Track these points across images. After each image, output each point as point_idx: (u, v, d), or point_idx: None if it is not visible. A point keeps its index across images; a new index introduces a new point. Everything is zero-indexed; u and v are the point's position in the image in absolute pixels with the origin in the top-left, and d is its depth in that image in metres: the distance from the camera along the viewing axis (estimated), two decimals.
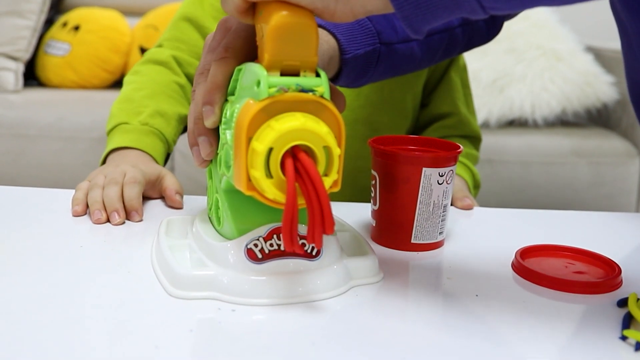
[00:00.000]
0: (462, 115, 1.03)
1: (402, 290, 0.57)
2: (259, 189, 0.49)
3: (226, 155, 0.53)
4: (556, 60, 1.83)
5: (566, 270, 0.62)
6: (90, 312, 0.49)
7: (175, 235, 0.61)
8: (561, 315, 0.53)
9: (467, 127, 1.05)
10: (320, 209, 0.47)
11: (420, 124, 1.06)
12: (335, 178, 0.50)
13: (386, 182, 0.64)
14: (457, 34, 0.80)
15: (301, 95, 0.48)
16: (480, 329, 0.50)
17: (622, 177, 1.74)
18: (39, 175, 1.72)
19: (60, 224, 0.68)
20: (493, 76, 1.80)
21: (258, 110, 0.47)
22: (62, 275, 0.56)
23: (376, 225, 0.67)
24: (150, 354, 0.44)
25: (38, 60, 2.19)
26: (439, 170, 0.63)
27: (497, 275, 0.61)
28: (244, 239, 0.53)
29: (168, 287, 0.53)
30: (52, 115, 1.76)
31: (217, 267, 0.53)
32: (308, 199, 0.47)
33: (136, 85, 0.94)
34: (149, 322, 0.48)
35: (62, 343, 0.45)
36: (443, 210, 0.65)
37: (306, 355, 0.45)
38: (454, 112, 1.03)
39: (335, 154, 0.49)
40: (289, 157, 0.47)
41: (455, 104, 1.03)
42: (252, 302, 0.51)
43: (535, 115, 1.79)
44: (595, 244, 0.66)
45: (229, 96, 0.54)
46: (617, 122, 1.89)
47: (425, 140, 0.70)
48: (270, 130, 0.47)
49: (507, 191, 1.71)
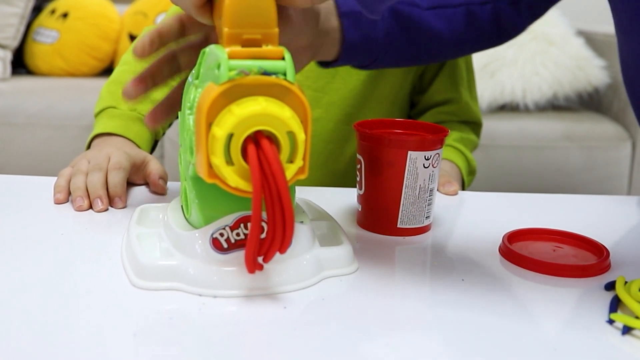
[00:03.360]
0: (463, 102, 1.02)
1: (388, 275, 0.56)
2: (221, 177, 0.47)
3: (191, 142, 0.51)
4: (547, 44, 1.82)
5: (554, 254, 0.61)
6: (65, 300, 0.49)
7: (148, 224, 0.60)
8: (548, 299, 0.52)
9: (467, 113, 1.03)
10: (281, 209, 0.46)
11: (419, 109, 1.04)
12: (301, 165, 0.48)
13: (371, 166, 0.64)
14: (476, 12, 0.78)
15: (264, 79, 0.47)
16: (466, 314, 0.49)
17: (613, 161, 1.73)
18: (27, 164, 1.71)
19: (43, 211, 0.67)
20: (484, 60, 1.79)
21: (218, 95, 0.46)
22: (41, 262, 0.55)
23: (362, 210, 0.66)
24: (128, 344, 0.43)
25: (26, 48, 2.17)
26: (425, 154, 0.62)
27: (484, 260, 0.60)
28: (210, 228, 0.51)
29: (132, 277, 0.51)
30: (41, 103, 1.74)
31: (183, 257, 0.51)
32: (268, 191, 0.45)
33: (128, 67, 0.93)
34: (122, 311, 0.48)
35: (39, 332, 0.44)
36: (429, 195, 0.64)
37: (289, 340, 0.44)
38: (455, 99, 1.02)
39: (300, 139, 0.47)
40: (252, 144, 0.46)
41: (458, 90, 1.02)
42: (218, 293, 0.50)
43: (527, 100, 1.78)
44: (584, 227, 0.65)
45: (194, 80, 0.53)
46: (609, 106, 1.88)
47: (411, 124, 0.69)
48: (230, 115, 0.45)
49: (499, 176, 1.70)
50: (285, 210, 0.46)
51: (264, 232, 0.51)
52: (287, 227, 0.46)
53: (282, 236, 0.46)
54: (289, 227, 0.46)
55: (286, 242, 0.47)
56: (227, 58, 0.47)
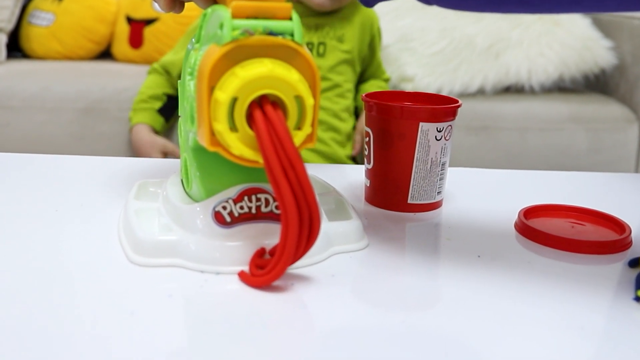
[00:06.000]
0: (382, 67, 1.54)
1: (399, 251, 0.53)
2: (224, 144, 0.44)
3: (191, 109, 0.48)
4: (553, 24, 1.78)
5: (572, 231, 0.58)
6: (58, 278, 0.46)
7: (147, 199, 0.57)
8: (569, 276, 0.50)
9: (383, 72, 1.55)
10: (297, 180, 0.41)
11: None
12: (309, 132, 0.45)
13: (381, 138, 0.60)
14: None
15: (269, 39, 0.43)
16: (485, 291, 0.46)
17: (620, 143, 1.70)
18: (23, 147, 1.68)
19: (36, 189, 0.64)
20: (489, 41, 1.75)
21: (221, 56, 0.43)
22: (33, 240, 0.52)
23: (370, 186, 0.63)
24: (126, 321, 0.40)
25: (22, 31, 2.13)
26: (437, 125, 0.59)
27: (499, 236, 0.57)
28: (212, 201, 0.48)
29: (130, 253, 0.48)
30: (36, 85, 1.71)
31: (183, 232, 0.48)
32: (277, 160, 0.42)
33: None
34: (119, 289, 0.45)
35: (31, 311, 0.41)
36: (441, 169, 0.61)
37: (297, 318, 0.41)
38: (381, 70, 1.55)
39: (308, 104, 0.44)
40: (258, 108, 0.43)
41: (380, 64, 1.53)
42: (221, 270, 0.47)
43: (532, 81, 1.75)
44: (601, 204, 0.62)
45: (195, 43, 0.50)
46: (615, 88, 1.85)
47: (421, 95, 0.66)
48: (234, 78, 0.42)
49: (503, 158, 1.67)
50: (303, 182, 0.42)
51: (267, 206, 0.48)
52: (310, 203, 0.42)
53: (308, 215, 0.42)
54: (312, 201, 0.42)
55: (316, 222, 0.43)
56: (231, 17, 0.43)
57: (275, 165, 0.41)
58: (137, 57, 2.00)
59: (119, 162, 0.74)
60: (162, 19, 1.99)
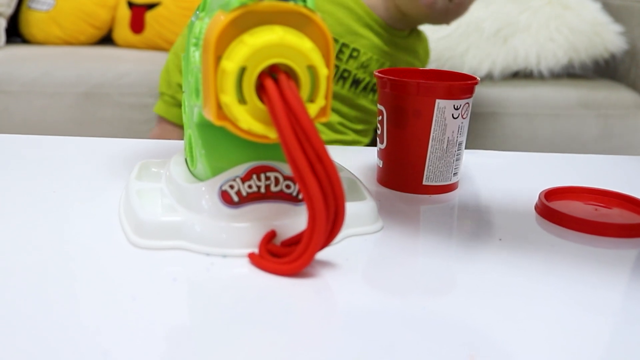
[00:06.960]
0: None
1: (414, 234, 0.50)
2: (231, 118, 0.41)
3: (196, 81, 0.45)
4: (562, 8, 1.75)
5: (596, 213, 0.55)
6: (57, 262, 0.43)
7: (149, 180, 0.54)
8: (596, 259, 0.47)
9: None
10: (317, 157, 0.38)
11: None
12: (323, 104, 0.42)
13: (395, 116, 0.57)
14: None
15: (280, 5, 0.40)
16: (509, 275, 0.44)
17: (630, 130, 1.67)
18: (23, 132, 1.64)
19: (34, 170, 0.62)
20: (496, 26, 1.71)
21: (228, 23, 0.39)
22: (32, 222, 0.49)
23: (383, 166, 0.60)
24: (128, 307, 0.37)
25: (21, 15, 2.10)
26: (454, 103, 0.56)
27: (520, 219, 0.54)
28: (218, 180, 0.45)
29: (131, 236, 0.46)
30: (36, 70, 1.68)
31: (188, 213, 0.46)
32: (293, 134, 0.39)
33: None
34: (120, 273, 0.42)
35: (30, 296, 0.38)
36: (458, 149, 0.58)
37: (309, 303, 0.39)
38: None
39: (322, 75, 0.41)
40: (269, 78, 0.40)
41: None
42: (228, 252, 0.44)
43: (541, 67, 1.71)
44: (623, 186, 0.60)
45: (200, 12, 0.47)
46: (626, 73, 1.81)
47: (438, 73, 0.63)
48: (242, 46, 0.39)
49: (512, 144, 1.64)
50: (322, 157, 0.39)
51: (277, 185, 0.45)
52: (332, 178, 0.39)
53: (332, 193, 0.39)
54: (334, 176, 0.39)
55: (340, 199, 0.39)
56: None
57: (290, 138, 0.38)
58: (139, 42, 1.97)
59: (120, 144, 0.71)
60: (163, 3, 1.95)
